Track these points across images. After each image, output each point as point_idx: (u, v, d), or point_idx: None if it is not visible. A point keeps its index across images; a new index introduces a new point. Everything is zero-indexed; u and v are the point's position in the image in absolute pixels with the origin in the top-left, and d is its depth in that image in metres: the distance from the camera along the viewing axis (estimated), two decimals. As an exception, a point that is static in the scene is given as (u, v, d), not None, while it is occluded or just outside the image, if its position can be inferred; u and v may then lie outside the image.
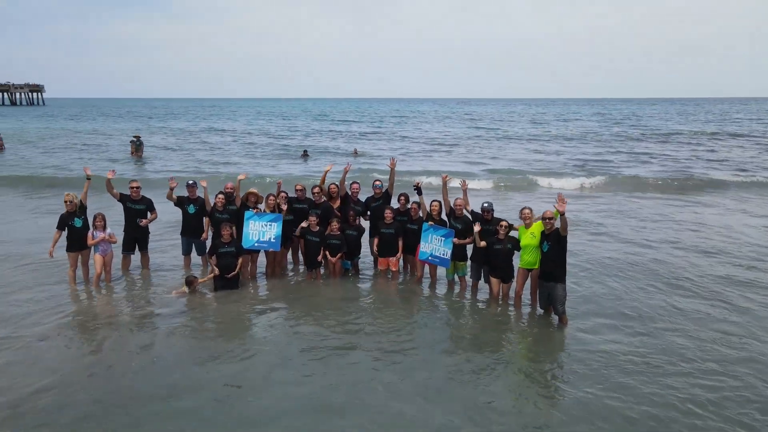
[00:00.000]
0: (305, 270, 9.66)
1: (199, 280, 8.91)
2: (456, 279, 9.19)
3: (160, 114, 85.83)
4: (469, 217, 8.84)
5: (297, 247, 10.07)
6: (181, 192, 9.67)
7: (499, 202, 15.58)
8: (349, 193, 9.92)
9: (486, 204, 8.64)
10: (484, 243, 8.31)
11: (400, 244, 9.29)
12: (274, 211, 9.37)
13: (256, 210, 9.38)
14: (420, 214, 9.20)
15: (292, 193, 9.89)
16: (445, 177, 9.24)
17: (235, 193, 9.51)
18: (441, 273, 9.31)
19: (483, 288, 8.88)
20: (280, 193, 9.65)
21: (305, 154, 30.68)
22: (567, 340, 7.23)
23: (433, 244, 8.80)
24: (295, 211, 9.59)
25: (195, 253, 9.94)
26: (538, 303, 8.07)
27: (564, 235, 7.39)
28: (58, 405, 5.52)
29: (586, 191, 19.91)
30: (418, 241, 8.96)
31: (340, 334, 7.35)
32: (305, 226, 9.20)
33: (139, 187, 9.61)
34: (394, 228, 9.21)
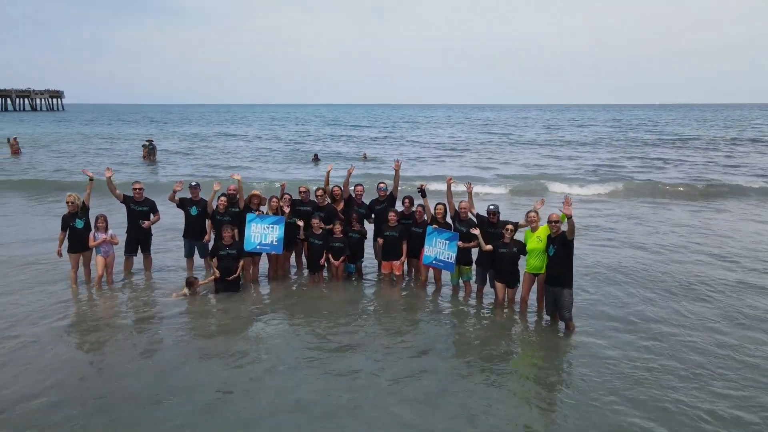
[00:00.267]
0: (308, 273, 9.52)
1: (200, 282, 8.82)
2: (461, 284, 8.99)
3: (175, 119, 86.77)
4: (474, 220, 8.65)
5: (300, 250, 9.95)
6: (184, 194, 9.61)
7: (510, 206, 15.40)
8: (353, 195, 9.78)
9: (492, 206, 8.44)
10: (490, 247, 8.11)
11: (404, 247, 9.12)
12: (276, 213, 9.27)
13: (258, 212, 9.27)
14: (425, 218, 9.03)
15: (296, 196, 9.78)
16: (450, 179, 9.05)
17: (237, 195, 9.42)
18: (446, 277, 9.11)
19: (488, 293, 8.66)
20: (283, 195, 9.55)
21: (316, 158, 30.66)
22: (573, 348, 6.98)
23: (438, 248, 8.62)
24: (299, 214, 9.48)
25: (197, 255, 9.86)
26: (545, 309, 7.83)
27: (571, 239, 7.16)
28: (46, 409, 5.40)
29: (598, 196, 19.55)
30: (423, 244, 8.78)
31: (340, 338, 7.18)
32: (303, 224, 9.08)
33: (142, 189, 9.56)
34: (398, 231, 9.05)
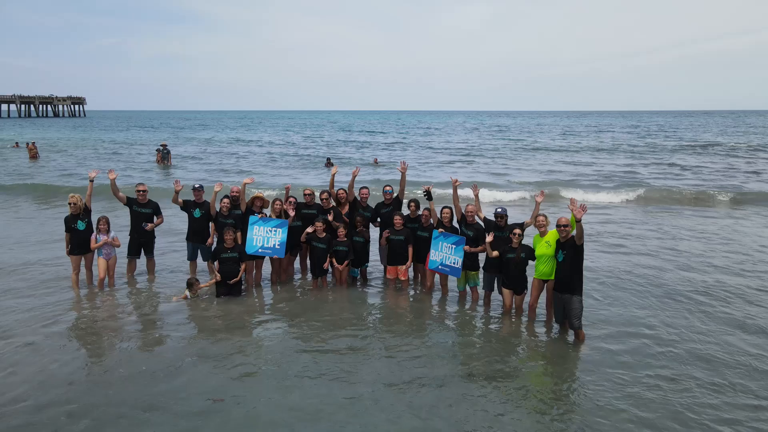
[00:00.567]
0: (311, 278, 9.32)
1: (201, 285, 8.67)
2: (467, 290, 8.71)
3: (192, 125, 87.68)
4: (482, 224, 8.38)
5: (305, 254, 9.76)
6: (188, 196, 9.51)
7: (521, 213, 15.03)
8: (358, 198, 9.58)
9: (499, 209, 8.18)
10: (496, 253, 7.84)
11: (410, 251, 8.88)
12: (280, 216, 9.10)
13: (261, 215, 9.12)
14: (431, 221, 8.79)
15: (300, 199, 9.62)
16: (456, 181, 8.78)
17: (240, 197, 9.28)
18: (452, 283, 8.85)
19: (496, 299, 8.38)
20: (288, 198, 9.38)
21: (329, 162, 30.58)
22: (583, 358, 6.66)
23: (444, 253, 8.37)
24: (304, 217, 9.30)
25: (201, 258, 9.73)
26: (554, 317, 7.52)
27: (580, 244, 6.86)
28: (27, 415, 5.24)
29: (611, 203, 19.08)
30: (429, 249, 8.54)
31: (342, 344, 6.96)
32: (311, 231, 8.89)
33: (145, 191, 9.47)
34: (403, 235, 8.81)
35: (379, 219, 9.49)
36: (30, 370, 6.12)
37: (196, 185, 9.53)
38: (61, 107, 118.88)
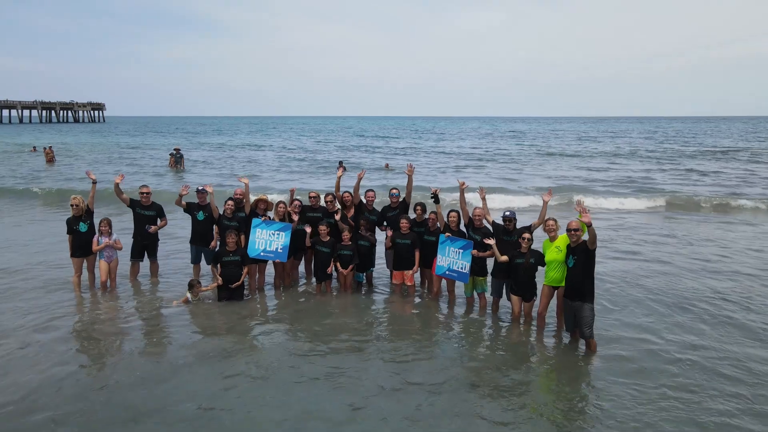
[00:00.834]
0: (315, 282, 9.12)
1: (202, 288, 8.51)
2: (475, 296, 8.44)
3: (207, 131, 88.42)
4: (490, 228, 8.11)
5: (310, 258, 9.58)
6: (191, 198, 9.39)
7: (532, 219, 14.67)
8: (364, 201, 9.38)
9: (508, 213, 7.92)
10: (505, 258, 7.56)
11: (417, 256, 8.64)
12: (283, 219, 8.93)
13: (264, 218, 8.96)
14: (438, 225, 8.54)
15: (305, 202, 9.44)
16: (462, 184, 8.51)
17: (245, 199, 9.13)
18: (459, 289, 8.58)
19: (505, 306, 8.09)
20: (293, 201, 9.21)
21: (341, 166, 30.45)
22: (594, 369, 6.35)
23: (451, 257, 8.11)
24: (309, 220, 9.12)
25: (204, 261, 9.59)
26: (564, 325, 7.22)
27: (592, 249, 6.56)
28: (16, 416, 5.10)
29: (623, 209, 18.64)
30: (436, 253, 8.29)
31: (344, 351, 6.74)
32: (309, 231, 8.71)
33: (149, 193, 9.38)
34: (410, 239, 8.57)
35: (385, 222, 9.27)
36: (21, 373, 5.98)
37: (199, 188, 9.41)
38: (81, 113, 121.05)
